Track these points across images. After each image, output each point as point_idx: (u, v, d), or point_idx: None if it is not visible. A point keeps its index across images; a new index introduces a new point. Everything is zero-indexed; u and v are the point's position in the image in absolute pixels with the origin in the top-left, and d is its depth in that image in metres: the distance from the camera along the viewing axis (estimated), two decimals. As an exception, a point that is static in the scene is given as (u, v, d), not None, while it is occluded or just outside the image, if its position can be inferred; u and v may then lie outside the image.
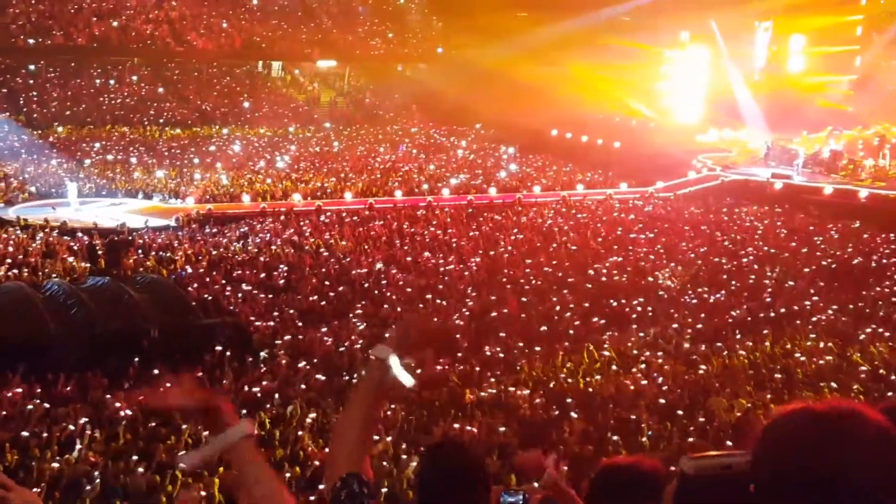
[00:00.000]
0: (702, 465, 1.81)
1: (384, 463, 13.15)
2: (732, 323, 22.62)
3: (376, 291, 24.82)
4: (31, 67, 60.11)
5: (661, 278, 26.65)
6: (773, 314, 23.30)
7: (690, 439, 14.66)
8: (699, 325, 22.27)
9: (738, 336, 21.54)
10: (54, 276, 25.23)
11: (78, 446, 14.20)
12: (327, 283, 25.49)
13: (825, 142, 46.32)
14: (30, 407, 15.87)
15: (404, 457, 13.73)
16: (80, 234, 30.62)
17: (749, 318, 22.97)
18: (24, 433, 14.71)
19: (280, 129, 59.19)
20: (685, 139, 51.96)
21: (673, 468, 2.04)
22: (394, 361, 2.65)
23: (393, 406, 16.02)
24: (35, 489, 12.14)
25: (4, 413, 15.67)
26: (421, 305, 23.46)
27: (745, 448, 1.74)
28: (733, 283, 26.37)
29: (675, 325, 22.20)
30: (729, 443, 14.49)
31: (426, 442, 13.56)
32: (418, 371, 2.71)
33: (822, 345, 20.52)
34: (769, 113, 52.55)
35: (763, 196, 39.99)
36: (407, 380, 2.64)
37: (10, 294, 21.85)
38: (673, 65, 59.05)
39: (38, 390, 17.06)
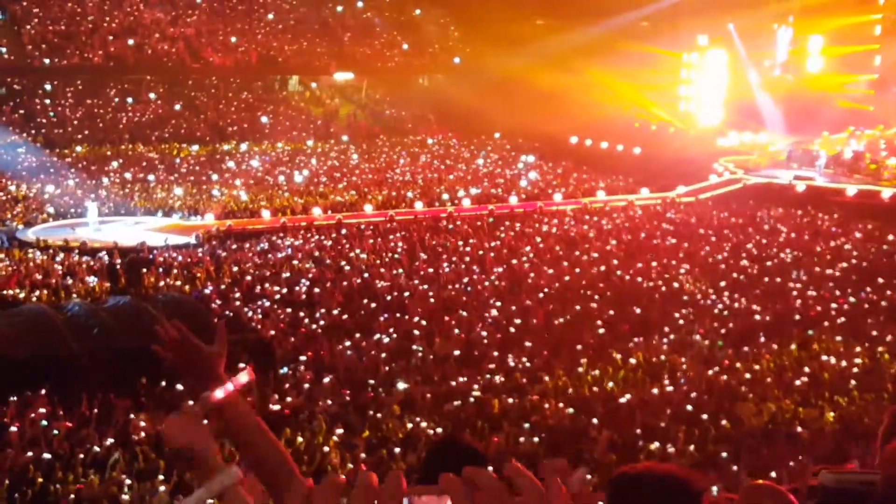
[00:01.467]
0: (843, 479, 1.90)
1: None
2: (758, 327, 22.39)
3: (399, 304, 24.72)
4: (48, 87, 60.47)
5: (686, 284, 26.43)
6: (798, 317, 23.05)
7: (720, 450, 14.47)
8: (724, 331, 22.04)
9: (764, 340, 21.31)
10: (75, 296, 25.27)
11: (101, 467, 14.13)
12: (349, 296, 25.41)
13: (847, 142, 45.99)
14: (55, 431, 15.82)
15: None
16: (100, 254, 30.68)
17: (775, 322, 22.73)
18: (47, 455, 14.67)
19: (298, 143, 59.29)
20: (706, 143, 51.79)
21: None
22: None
23: (419, 419, 15.93)
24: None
25: (28, 434, 15.63)
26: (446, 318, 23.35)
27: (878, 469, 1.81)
28: (758, 287, 26.12)
29: (700, 331, 21.98)
30: (762, 449, 14.29)
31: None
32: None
33: (849, 348, 20.26)
34: (789, 114, 52.30)
35: (786, 198, 39.71)
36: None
37: (31, 316, 21.86)
38: (692, 69, 58.80)
39: (61, 411, 17.02)
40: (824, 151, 44.38)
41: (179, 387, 17.94)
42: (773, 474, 12.34)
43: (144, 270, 27.86)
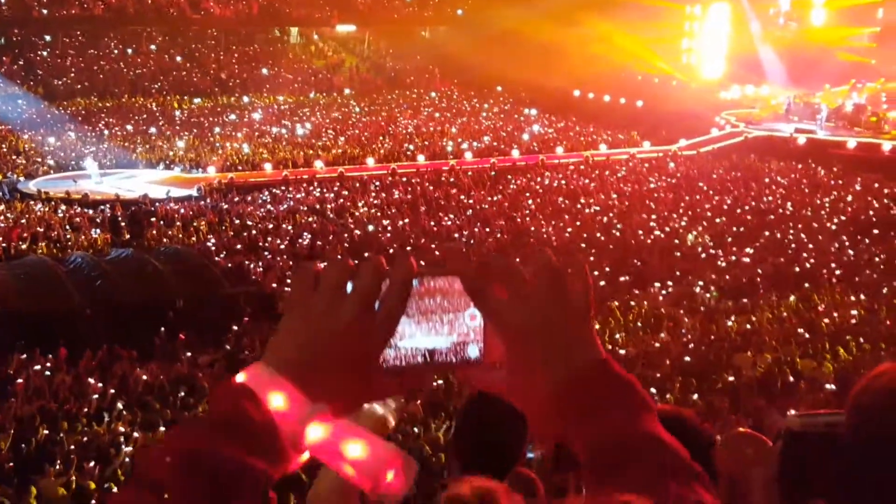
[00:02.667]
0: (807, 422, 1.91)
1: (414, 428, 13.13)
2: (757, 279, 22.45)
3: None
4: (48, 38, 60.05)
5: (687, 237, 26.47)
6: (797, 269, 23.11)
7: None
8: (723, 283, 22.11)
9: (763, 292, 21.39)
10: (77, 249, 25.32)
11: (106, 418, 14.27)
12: (352, 249, 25.45)
13: (848, 95, 45.73)
14: (58, 382, 15.95)
15: (431, 420, 13.71)
16: (102, 207, 30.70)
17: (774, 274, 22.79)
18: (52, 405, 14.81)
19: (300, 95, 59.03)
20: (708, 96, 51.57)
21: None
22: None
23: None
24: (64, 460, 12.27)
25: (32, 385, 15.76)
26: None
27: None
28: (757, 239, 26.15)
29: (700, 283, 22.05)
30: (760, 399, 14.39)
31: (456, 403, 13.55)
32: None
33: (847, 300, 20.33)
34: (791, 67, 51.97)
35: (787, 151, 39.60)
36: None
37: (34, 268, 21.94)
38: (695, 21, 58.32)
39: (65, 363, 17.15)
40: (825, 104, 44.16)
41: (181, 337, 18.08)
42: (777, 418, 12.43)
43: (146, 223, 27.89)
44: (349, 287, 1.04)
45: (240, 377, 1.01)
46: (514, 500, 2.21)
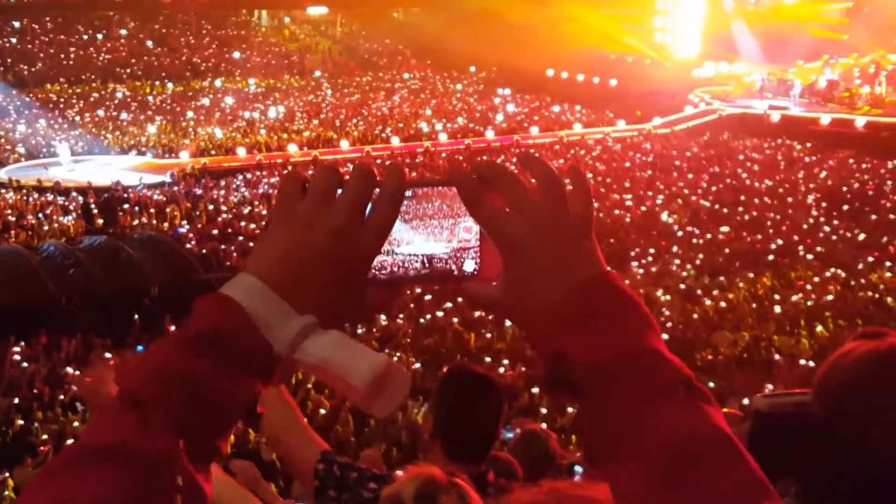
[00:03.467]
0: (775, 402, 1.89)
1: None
2: (733, 257, 22.52)
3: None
4: (17, 25, 59.39)
5: (662, 215, 26.52)
6: (773, 247, 23.20)
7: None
8: (699, 261, 22.16)
9: (739, 269, 21.45)
10: (50, 237, 25.09)
11: (81, 407, 14.16)
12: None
13: (821, 71, 45.88)
14: (34, 373, 15.82)
15: (410, 402, 13.68)
16: (74, 194, 30.42)
17: (750, 252, 22.87)
18: (27, 396, 14.68)
19: (273, 79, 58.68)
20: (682, 75, 51.63)
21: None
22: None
23: (399, 354, 15.99)
24: (41, 448, 12.18)
25: (8, 376, 15.62)
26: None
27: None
28: (733, 217, 26.23)
29: (676, 261, 22.10)
30: (737, 376, 14.46)
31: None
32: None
33: (824, 277, 20.43)
34: (765, 44, 52.10)
35: (761, 128, 39.72)
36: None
37: (6, 257, 21.73)
38: (668, -1, 58.38)
39: (40, 353, 17.01)
40: (799, 81, 44.30)
41: (157, 325, 17.95)
42: (746, 401, 12.49)
43: (119, 210, 27.66)
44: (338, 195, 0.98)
45: (224, 288, 0.95)
46: (462, 495, 2.17)
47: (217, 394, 0.89)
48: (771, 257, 22.30)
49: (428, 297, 19.12)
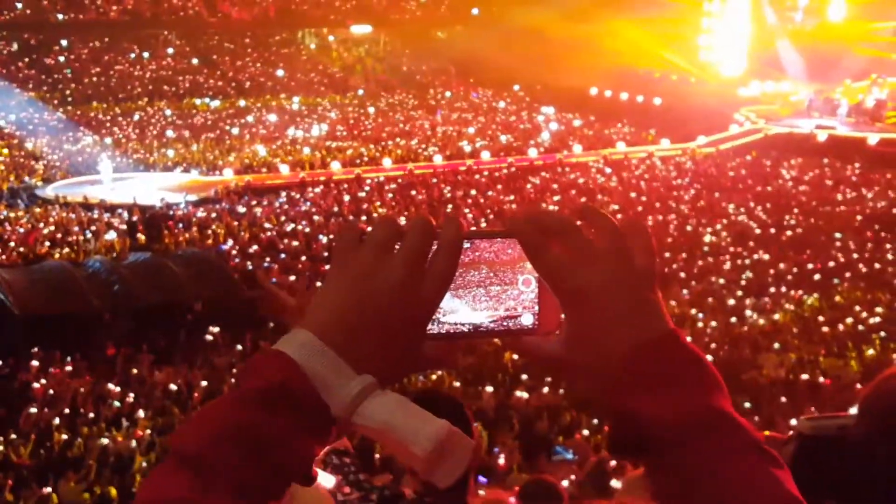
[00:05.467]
0: (819, 425, 1.92)
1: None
2: (779, 277, 22.24)
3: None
4: (64, 43, 60.27)
5: (706, 234, 26.28)
6: (819, 267, 22.89)
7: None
8: (744, 282, 21.91)
9: (785, 290, 21.18)
10: (95, 253, 25.35)
11: (125, 423, 14.23)
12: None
13: (869, 90, 45.35)
14: (78, 388, 15.93)
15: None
16: (119, 211, 30.74)
17: (796, 272, 22.58)
18: (71, 411, 14.78)
19: (316, 97, 59.07)
20: (727, 93, 51.24)
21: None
22: None
23: (439, 373, 15.90)
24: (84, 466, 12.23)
25: (51, 392, 15.74)
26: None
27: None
28: (779, 236, 25.94)
29: (721, 281, 21.86)
30: (783, 398, 14.23)
31: (477, 406, 13.48)
32: None
33: (871, 298, 20.11)
34: (810, 63, 51.59)
35: (807, 148, 39.32)
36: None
37: (52, 272, 21.94)
38: (713, 17, 58.00)
39: (83, 368, 17.13)
40: (846, 100, 43.84)
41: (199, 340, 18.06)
42: (794, 422, 12.28)
43: (164, 227, 27.89)
44: (396, 248, 0.95)
45: (279, 344, 0.91)
46: None
47: (274, 455, 0.85)
48: (817, 277, 22.01)
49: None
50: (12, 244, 26.00)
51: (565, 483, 9.00)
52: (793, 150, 39.36)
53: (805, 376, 15.39)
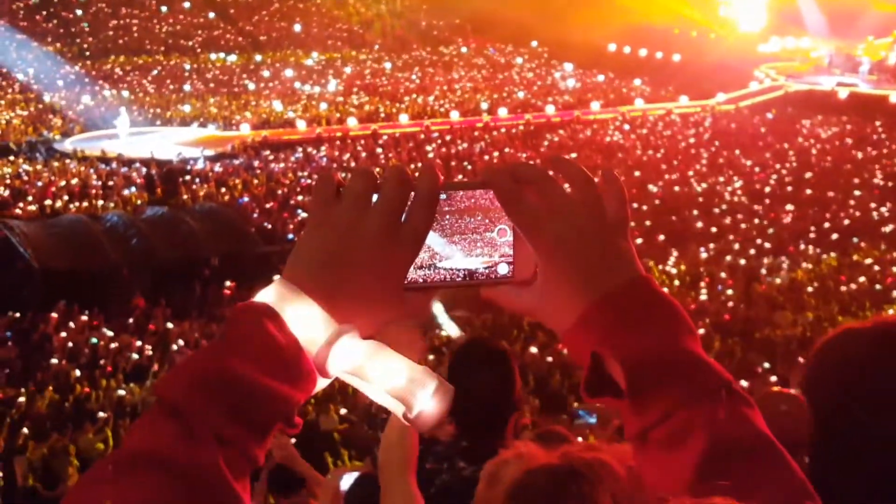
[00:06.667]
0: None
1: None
2: (797, 236, 22.13)
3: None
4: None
5: (724, 193, 26.14)
6: (839, 226, 22.75)
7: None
8: (762, 240, 21.80)
9: (804, 248, 21.08)
10: (113, 206, 25.43)
11: (142, 376, 14.33)
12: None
13: (891, 47, 44.81)
14: (95, 340, 16.05)
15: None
16: (137, 165, 30.77)
17: (814, 231, 22.45)
18: (90, 364, 14.90)
19: (333, 52, 58.74)
20: (747, 49, 50.67)
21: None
22: (438, 309, 2.33)
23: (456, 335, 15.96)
24: (101, 413, 12.35)
25: (70, 344, 15.87)
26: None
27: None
28: (798, 195, 25.77)
29: (739, 240, 21.76)
30: (801, 359, 14.19)
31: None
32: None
33: (890, 256, 19.99)
34: (832, 19, 50.93)
35: (828, 106, 38.93)
36: (454, 330, 2.32)
37: (70, 226, 22.04)
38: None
39: (102, 321, 17.25)
40: (867, 57, 43.30)
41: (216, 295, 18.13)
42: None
43: (181, 181, 27.92)
44: (374, 198, 0.96)
45: (260, 296, 0.92)
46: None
47: (255, 402, 0.87)
48: (835, 236, 21.87)
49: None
50: (31, 198, 26.08)
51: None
52: (813, 108, 38.99)
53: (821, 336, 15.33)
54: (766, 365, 13.77)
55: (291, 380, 0.89)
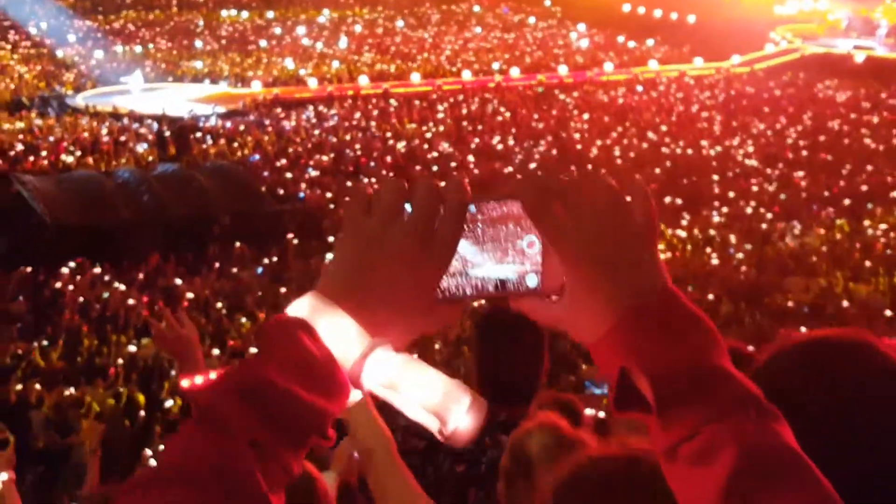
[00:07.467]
0: None
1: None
2: (810, 201, 22.02)
3: (446, 175, 24.59)
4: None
5: (738, 156, 26.01)
6: (853, 191, 22.63)
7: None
8: (775, 205, 21.70)
9: (816, 214, 20.99)
10: (125, 163, 25.45)
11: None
12: (397, 166, 25.29)
13: (910, 10, 44.36)
14: (106, 295, 16.13)
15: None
16: (148, 122, 30.75)
17: (828, 196, 22.34)
18: (100, 318, 14.98)
19: (344, 10, 58.33)
20: (763, 11, 50.17)
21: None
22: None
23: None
24: (111, 370, 12.43)
25: (81, 299, 15.94)
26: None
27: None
28: (812, 160, 25.63)
29: (752, 204, 21.67)
30: (807, 324, 14.17)
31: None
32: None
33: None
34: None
35: (844, 69, 38.60)
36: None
37: (82, 182, 22.08)
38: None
39: (112, 276, 17.32)
40: (885, 20, 42.86)
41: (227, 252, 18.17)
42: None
43: (192, 138, 27.89)
44: (405, 210, 0.98)
45: (293, 308, 0.94)
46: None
47: (290, 412, 0.89)
48: (848, 202, 21.76)
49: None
50: (43, 153, 26.10)
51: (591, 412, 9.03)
52: (829, 72, 38.65)
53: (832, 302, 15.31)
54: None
55: (326, 392, 0.91)
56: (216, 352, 13.09)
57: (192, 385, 3.22)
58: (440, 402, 0.91)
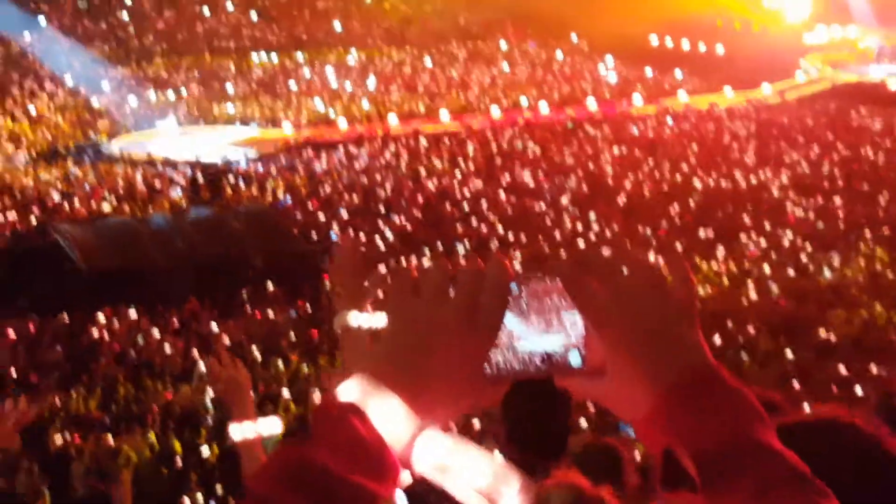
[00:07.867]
0: None
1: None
2: (848, 231, 21.79)
3: (477, 212, 24.59)
4: (128, 1, 60.74)
5: (771, 187, 25.82)
6: (891, 220, 22.38)
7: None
8: (813, 236, 21.48)
9: (855, 244, 20.74)
10: (158, 209, 25.70)
11: (188, 377, 14.41)
12: (427, 204, 25.35)
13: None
14: (142, 341, 16.19)
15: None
16: (181, 167, 31.06)
17: (866, 226, 22.08)
18: (136, 365, 15.03)
19: (373, 50, 58.88)
20: (792, 40, 50.06)
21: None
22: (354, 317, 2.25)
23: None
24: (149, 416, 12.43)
25: (116, 345, 16.01)
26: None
27: None
28: (847, 189, 25.41)
29: (788, 235, 21.48)
30: (850, 359, 13.93)
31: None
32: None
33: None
34: (879, 6, 50.16)
35: (877, 97, 38.37)
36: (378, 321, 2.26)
37: (116, 228, 22.33)
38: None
39: (147, 322, 17.39)
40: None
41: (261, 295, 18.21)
42: (858, 388, 11.98)
43: (225, 183, 28.14)
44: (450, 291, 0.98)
45: (343, 391, 0.95)
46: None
47: (341, 496, 0.89)
48: (887, 231, 21.51)
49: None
50: (79, 201, 26.41)
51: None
52: (862, 100, 38.43)
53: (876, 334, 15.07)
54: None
55: (377, 476, 0.91)
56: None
57: (243, 439, 3.26)
58: (491, 485, 0.94)
